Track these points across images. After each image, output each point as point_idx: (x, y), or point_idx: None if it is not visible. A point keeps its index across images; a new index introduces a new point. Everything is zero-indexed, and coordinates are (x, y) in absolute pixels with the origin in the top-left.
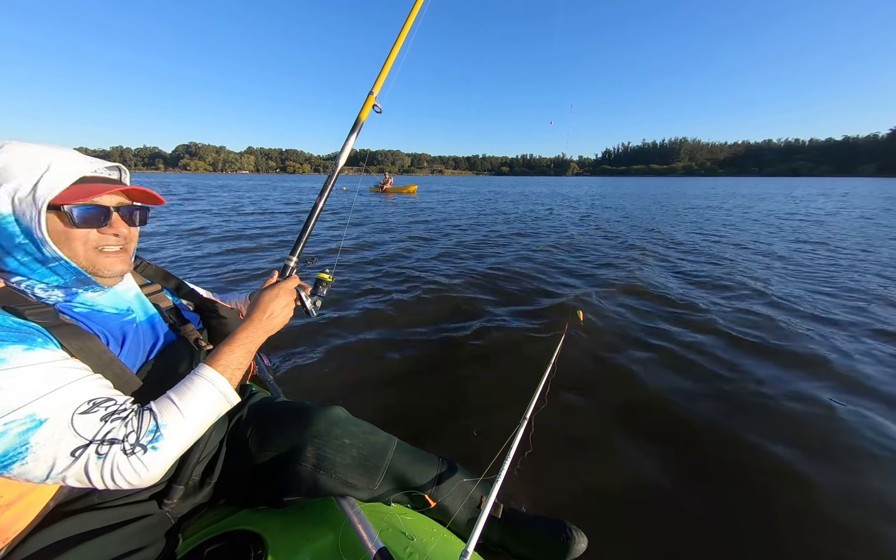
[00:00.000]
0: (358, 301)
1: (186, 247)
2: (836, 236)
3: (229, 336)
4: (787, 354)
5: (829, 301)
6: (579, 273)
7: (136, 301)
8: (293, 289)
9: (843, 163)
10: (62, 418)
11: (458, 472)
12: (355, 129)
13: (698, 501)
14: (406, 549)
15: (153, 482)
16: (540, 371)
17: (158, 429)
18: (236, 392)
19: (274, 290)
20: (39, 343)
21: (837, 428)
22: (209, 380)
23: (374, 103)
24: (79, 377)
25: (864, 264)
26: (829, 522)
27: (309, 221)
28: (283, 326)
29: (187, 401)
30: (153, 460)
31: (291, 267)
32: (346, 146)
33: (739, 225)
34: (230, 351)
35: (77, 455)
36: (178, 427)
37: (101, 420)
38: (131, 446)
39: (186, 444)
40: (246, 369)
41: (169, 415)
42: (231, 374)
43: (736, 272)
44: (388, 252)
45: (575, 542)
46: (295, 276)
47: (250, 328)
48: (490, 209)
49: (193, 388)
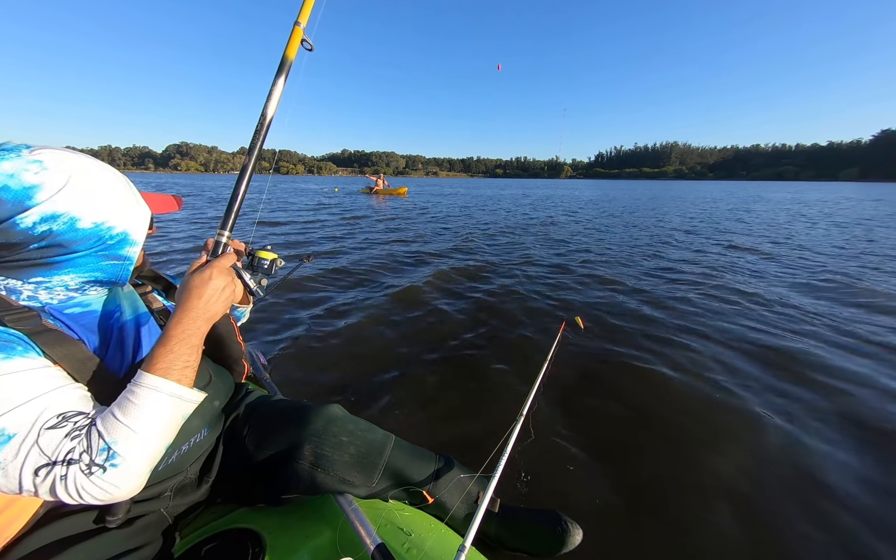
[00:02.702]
0: (355, 300)
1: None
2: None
3: (161, 335)
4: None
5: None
6: (579, 274)
7: (127, 300)
8: (229, 267)
9: (827, 167)
10: (30, 434)
11: (455, 468)
12: (283, 71)
13: (696, 499)
14: (404, 544)
15: (134, 493)
16: (537, 368)
17: (109, 447)
18: (196, 389)
19: (206, 271)
20: (19, 352)
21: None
22: (152, 387)
23: (303, 38)
24: (55, 387)
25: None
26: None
27: (238, 187)
28: (226, 310)
29: (132, 415)
30: (118, 477)
31: (224, 243)
32: (274, 92)
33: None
34: (168, 351)
35: (40, 474)
36: (131, 442)
37: (65, 437)
38: (87, 466)
39: (152, 454)
40: (197, 364)
41: (116, 432)
42: (179, 375)
43: (747, 277)
44: (384, 251)
45: (570, 535)
46: (230, 252)
47: (185, 320)
48: (480, 210)
49: (136, 400)
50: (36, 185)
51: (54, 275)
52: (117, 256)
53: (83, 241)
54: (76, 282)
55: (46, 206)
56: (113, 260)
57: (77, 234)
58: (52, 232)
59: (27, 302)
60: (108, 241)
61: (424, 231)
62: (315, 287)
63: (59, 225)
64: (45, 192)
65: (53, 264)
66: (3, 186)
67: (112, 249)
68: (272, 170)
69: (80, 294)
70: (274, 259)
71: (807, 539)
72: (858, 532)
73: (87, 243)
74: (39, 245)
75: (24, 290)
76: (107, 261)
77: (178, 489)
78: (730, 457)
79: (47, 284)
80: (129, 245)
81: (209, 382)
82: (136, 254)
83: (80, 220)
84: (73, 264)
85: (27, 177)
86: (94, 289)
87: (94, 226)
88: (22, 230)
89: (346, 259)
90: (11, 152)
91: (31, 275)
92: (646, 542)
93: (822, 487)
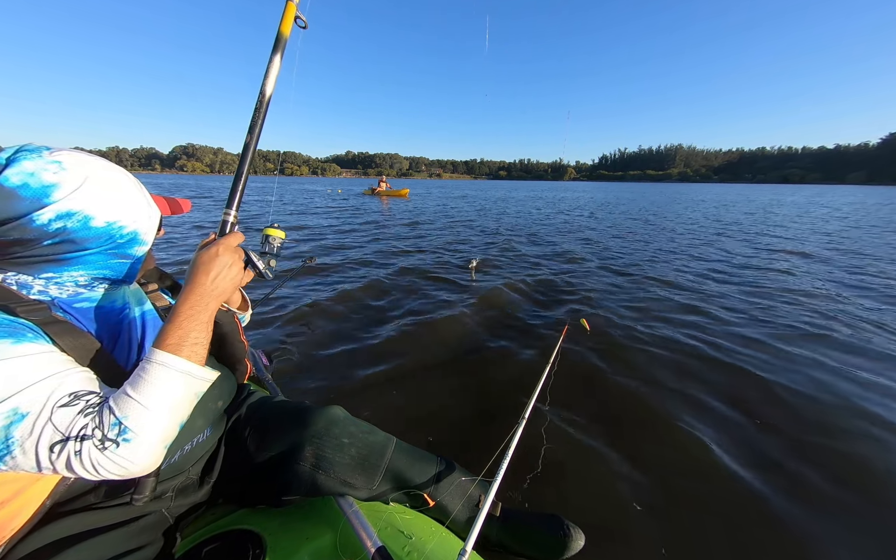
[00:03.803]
0: (356, 300)
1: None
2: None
3: (171, 312)
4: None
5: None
6: (582, 276)
7: (134, 298)
8: (236, 246)
9: (834, 171)
10: (43, 412)
11: (457, 471)
12: (278, 49)
13: (698, 504)
14: (404, 547)
15: (151, 469)
16: (539, 371)
17: (120, 422)
18: (208, 368)
19: (213, 248)
20: (29, 338)
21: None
22: (162, 364)
23: (297, 14)
24: (65, 369)
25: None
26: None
27: (242, 166)
28: (234, 290)
29: (142, 390)
30: (131, 452)
31: (231, 222)
32: (271, 70)
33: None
34: (176, 327)
35: (55, 450)
36: (142, 418)
37: (78, 414)
38: (100, 442)
39: (165, 431)
40: (208, 343)
41: (127, 407)
42: (190, 352)
43: (766, 280)
44: (384, 251)
45: (572, 539)
46: (237, 232)
47: (193, 296)
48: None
49: (147, 376)
50: (54, 183)
51: (65, 271)
52: (126, 255)
53: (95, 239)
54: (85, 278)
55: (62, 204)
56: (122, 258)
57: (90, 233)
58: (65, 229)
59: (38, 296)
60: (118, 240)
61: (427, 234)
62: (317, 287)
63: (74, 222)
64: (62, 191)
65: (65, 261)
66: (23, 184)
67: (122, 248)
68: (277, 171)
69: (89, 290)
70: (283, 238)
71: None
72: None
73: (98, 241)
74: (53, 241)
75: (35, 284)
76: (116, 259)
77: (180, 489)
78: (745, 464)
79: (58, 280)
80: (139, 244)
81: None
82: (144, 253)
83: (93, 218)
84: (83, 261)
85: (46, 176)
86: (103, 286)
87: (106, 225)
88: (37, 227)
89: (347, 260)
90: (33, 153)
91: (42, 270)
92: (648, 547)
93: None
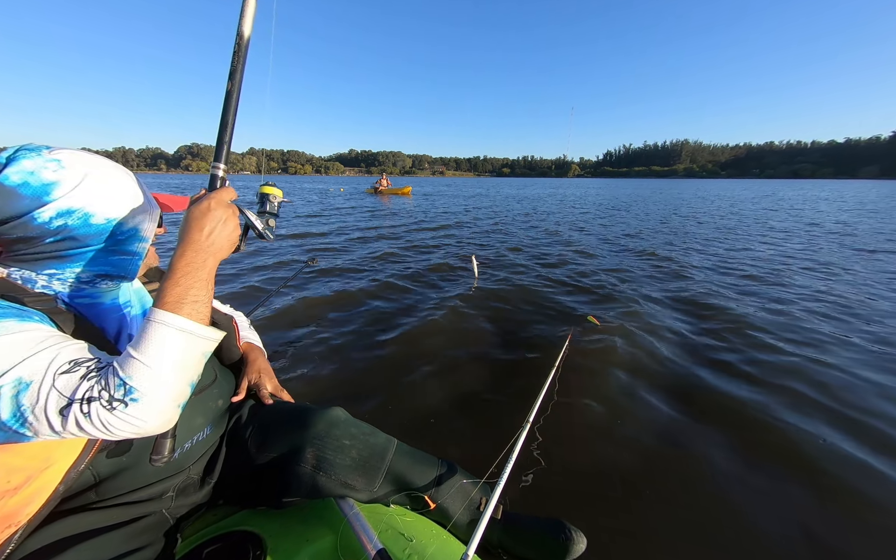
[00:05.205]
0: (359, 300)
1: None
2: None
3: (167, 270)
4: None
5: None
6: (587, 278)
7: (136, 296)
8: (229, 202)
9: (845, 165)
10: (45, 378)
11: (458, 474)
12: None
13: (700, 510)
14: (405, 550)
15: (164, 428)
16: (544, 375)
17: (125, 382)
18: (212, 326)
19: (204, 202)
20: (35, 320)
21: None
22: (160, 322)
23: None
24: (64, 341)
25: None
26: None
27: (226, 116)
28: (231, 248)
29: (143, 349)
30: (141, 411)
31: (220, 176)
32: (247, 8)
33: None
34: (174, 284)
35: (65, 414)
36: (146, 377)
37: (80, 378)
38: (107, 402)
39: (172, 389)
40: (209, 301)
41: (130, 367)
42: (190, 310)
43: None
44: (386, 252)
45: (574, 543)
46: (229, 187)
47: (189, 253)
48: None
49: (147, 335)
50: (54, 181)
51: (67, 267)
52: (127, 252)
53: (96, 236)
54: (87, 274)
55: (63, 201)
56: (123, 255)
57: (90, 229)
58: (67, 226)
59: (41, 290)
60: (118, 237)
61: (428, 234)
62: (318, 288)
63: (74, 220)
64: (62, 189)
65: (67, 257)
66: (24, 183)
67: (123, 245)
68: (280, 170)
69: (91, 286)
70: (280, 197)
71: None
72: None
73: (99, 238)
74: (55, 239)
75: (39, 280)
76: (117, 256)
77: (181, 490)
78: (745, 465)
79: (60, 276)
80: (139, 241)
81: (214, 381)
82: (145, 250)
83: (93, 215)
84: (85, 258)
85: (46, 174)
86: (105, 283)
87: (106, 222)
88: (39, 224)
89: (349, 261)
90: (33, 152)
91: (45, 267)
92: (650, 552)
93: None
